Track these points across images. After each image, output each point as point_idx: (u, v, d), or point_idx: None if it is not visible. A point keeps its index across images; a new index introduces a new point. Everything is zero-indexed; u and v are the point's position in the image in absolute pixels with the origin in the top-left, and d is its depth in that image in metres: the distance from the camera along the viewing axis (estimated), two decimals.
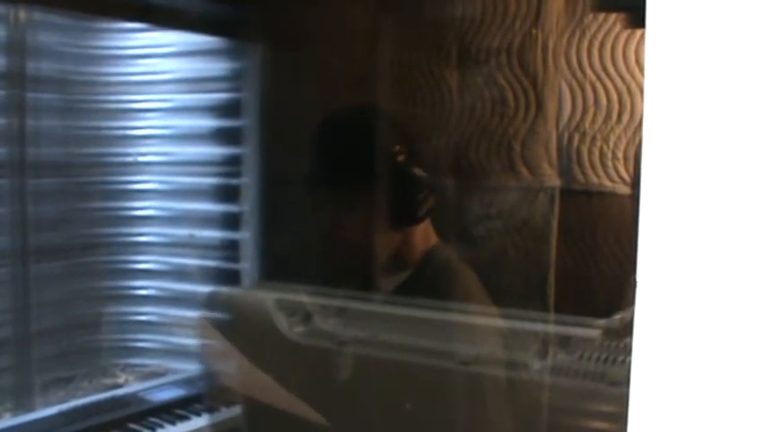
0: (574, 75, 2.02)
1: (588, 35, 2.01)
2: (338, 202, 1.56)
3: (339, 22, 2.18)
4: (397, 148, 1.50)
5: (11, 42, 2.24)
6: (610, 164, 2.00)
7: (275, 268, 2.44)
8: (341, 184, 1.55)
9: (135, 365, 2.66)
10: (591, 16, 2.01)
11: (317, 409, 1.46)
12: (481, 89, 2.11)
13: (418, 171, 1.50)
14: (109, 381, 2.54)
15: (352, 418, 1.47)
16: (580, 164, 2.03)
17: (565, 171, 2.05)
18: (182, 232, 2.66)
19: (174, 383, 2.33)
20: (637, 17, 1.84)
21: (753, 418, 0.50)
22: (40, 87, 2.38)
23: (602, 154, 2.00)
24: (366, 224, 1.54)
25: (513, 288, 1.97)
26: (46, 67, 2.41)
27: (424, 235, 1.53)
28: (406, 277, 1.53)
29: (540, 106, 2.06)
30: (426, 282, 1.51)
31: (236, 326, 1.66)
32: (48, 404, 2.19)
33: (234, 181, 2.58)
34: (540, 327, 1.50)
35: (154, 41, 2.61)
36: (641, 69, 1.93)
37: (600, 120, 2.00)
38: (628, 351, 0.53)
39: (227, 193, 2.60)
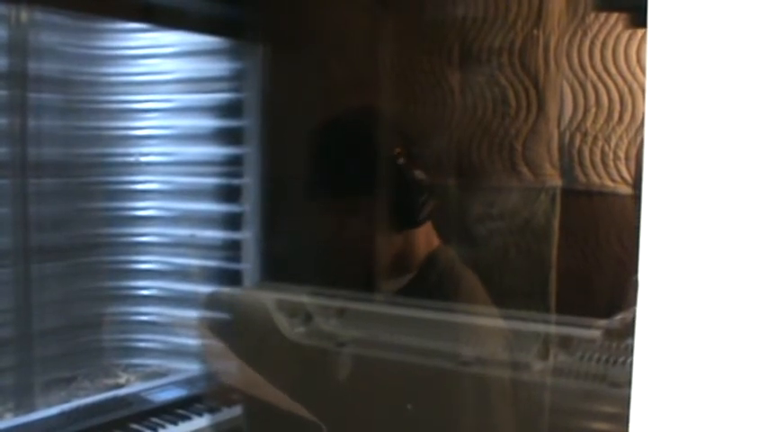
0: (575, 75, 2.02)
1: (590, 35, 2.00)
2: (339, 206, 1.56)
3: (340, 22, 2.18)
4: (397, 150, 1.50)
5: (13, 43, 2.24)
6: (611, 164, 2.00)
7: (276, 269, 2.44)
8: (341, 188, 1.55)
9: (136, 365, 2.67)
10: (592, 16, 2.01)
11: (317, 409, 1.46)
12: (482, 89, 2.11)
13: (418, 173, 1.50)
14: (110, 381, 2.54)
15: (353, 419, 1.47)
16: (581, 164, 2.02)
17: (566, 171, 2.05)
18: (183, 232, 2.66)
19: (176, 383, 2.34)
20: (638, 17, 1.84)
21: (754, 418, 0.50)
22: (42, 87, 2.38)
23: (603, 154, 2.00)
24: (367, 227, 1.54)
25: (514, 288, 1.97)
26: (48, 67, 2.42)
27: (425, 237, 1.53)
28: (409, 280, 1.53)
29: (541, 106, 2.06)
30: (431, 284, 1.51)
31: (237, 326, 1.66)
32: (49, 404, 2.19)
33: (235, 181, 2.58)
34: (541, 327, 1.50)
35: (155, 42, 2.61)
36: (642, 69, 1.93)
37: (601, 120, 2.00)
38: (629, 352, 0.53)
39: (228, 194, 2.60)
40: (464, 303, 1.50)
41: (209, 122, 2.62)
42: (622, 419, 0.54)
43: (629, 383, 0.53)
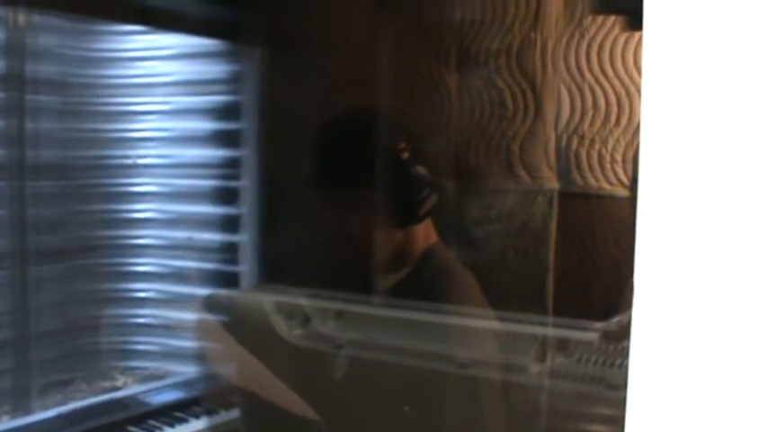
0: (572, 77, 2.02)
1: (587, 38, 2.01)
2: (341, 202, 1.56)
3: (338, 24, 2.18)
4: (402, 145, 1.51)
5: (10, 45, 2.23)
6: (608, 166, 2.00)
7: (274, 271, 2.44)
8: (344, 184, 1.55)
9: (134, 368, 2.66)
10: (590, 19, 2.01)
11: (315, 411, 1.46)
12: (480, 91, 2.12)
13: (420, 169, 1.51)
14: (107, 383, 2.54)
15: (351, 421, 1.47)
16: (579, 166, 2.03)
17: (563, 174, 2.05)
18: (180, 235, 2.66)
19: (173, 386, 2.33)
20: (635, 19, 1.84)
21: (751, 421, 0.50)
22: (40, 90, 2.38)
23: (600, 157, 2.00)
24: (369, 223, 1.55)
25: (511, 291, 1.97)
26: (45, 69, 2.41)
27: (425, 234, 1.54)
28: (404, 275, 1.53)
29: (538, 109, 2.06)
30: (424, 280, 1.52)
31: (235, 328, 1.65)
32: (46, 407, 2.19)
33: (233, 183, 2.58)
34: (538, 330, 1.50)
35: (153, 44, 2.61)
36: (639, 72, 1.93)
37: (598, 122, 2.00)
38: (626, 354, 0.53)
39: (225, 196, 2.60)
40: (457, 301, 1.50)
41: (206, 125, 2.62)
42: (619, 422, 0.54)
43: (626, 386, 0.53)
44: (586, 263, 2.02)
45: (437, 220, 1.56)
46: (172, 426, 2.10)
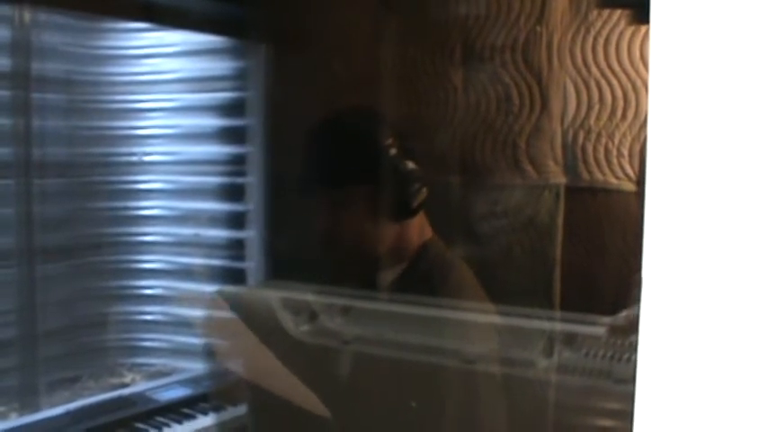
0: (579, 72, 2.02)
1: (593, 32, 2.00)
2: (334, 200, 1.57)
3: (343, 21, 2.17)
4: (389, 141, 1.51)
5: (16, 43, 2.24)
6: (615, 161, 2.00)
7: (280, 267, 2.44)
8: (336, 182, 1.56)
9: (141, 365, 2.67)
10: (595, 13, 2.00)
11: (322, 407, 1.46)
12: (486, 87, 2.11)
13: (410, 164, 1.52)
14: (115, 380, 2.54)
15: (358, 417, 1.47)
16: (585, 161, 2.02)
17: (570, 168, 2.04)
18: (187, 231, 2.67)
19: (181, 382, 2.34)
20: (641, 13, 1.83)
21: (757, 415, 0.50)
22: (45, 87, 2.38)
23: (606, 151, 2.00)
24: (363, 219, 1.55)
25: (518, 286, 1.97)
26: (51, 67, 2.42)
27: (419, 228, 1.55)
28: (401, 270, 1.54)
29: (544, 104, 2.05)
30: (421, 274, 1.53)
31: (242, 325, 1.66)
32: (54, 404, 2.20)
33: (239, 180, 2.58)
34: (545, 324, 1.50)
35: (158, 41, 2.61)
36: (646, 66, 1.93)
37: (605, 117, 2.00)
38: (633, 348, 0.53)
39: (232, 193, 2.60)
40: (454, 293, 1.50)
41: (212, 121, 2.63)
42: (627, 416, 0.54)
43: (634, 380, 0.53)
44: (593, 257, 2.02)
45: (432, 214, 1.56)
46: (179, 422, 2.10)
